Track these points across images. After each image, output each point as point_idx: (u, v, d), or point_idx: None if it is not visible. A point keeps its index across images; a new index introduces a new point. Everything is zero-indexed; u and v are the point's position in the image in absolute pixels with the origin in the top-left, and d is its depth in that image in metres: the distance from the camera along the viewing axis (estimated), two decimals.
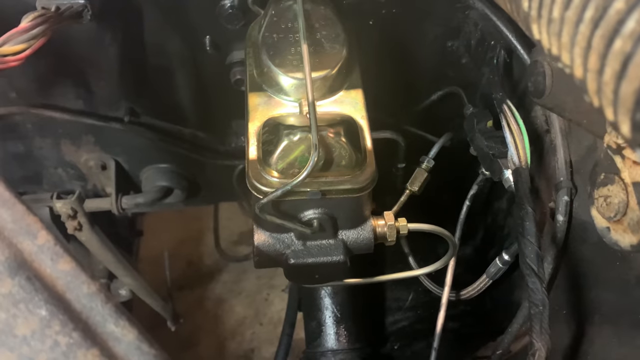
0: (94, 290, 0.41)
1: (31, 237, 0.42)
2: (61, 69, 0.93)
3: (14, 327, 0.37)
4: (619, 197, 0.54)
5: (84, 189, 1.18)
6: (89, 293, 0.41)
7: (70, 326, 0.38)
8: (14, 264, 0.40)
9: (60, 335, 0.38)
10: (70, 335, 0.38)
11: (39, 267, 0.41)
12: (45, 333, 0.38)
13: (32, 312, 0.38)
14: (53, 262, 0.42)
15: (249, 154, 0.69)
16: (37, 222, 0.44)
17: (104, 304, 0.41)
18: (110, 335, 0.40)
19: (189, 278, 2.11)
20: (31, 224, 0.43)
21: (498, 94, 0.82)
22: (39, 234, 0.43)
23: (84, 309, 0.40)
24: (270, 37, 0.76)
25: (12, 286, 0.39)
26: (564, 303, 0.82)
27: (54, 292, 0.40)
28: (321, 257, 0.73)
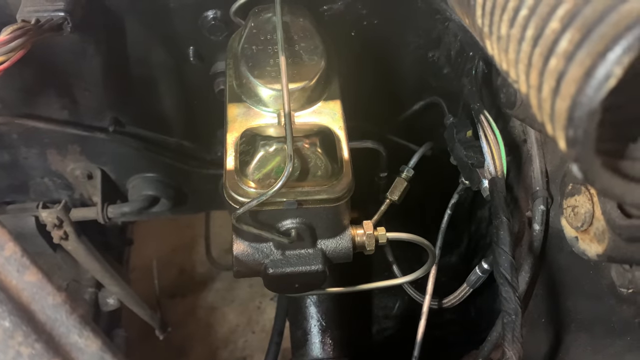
0: (59, 301, 0.42)
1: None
2: (45, 80, 0.93)
3: None
4: (585, 207, 0.55)
5: (71, 198, 1.18)
6: (54, 304, 0.41)
7: (34, 337, 0.39)
8: None
9: (22, 346, 0.38)
10: (33, 346, 0.39)
11: (4, 279, 0.42)
12: (8, 344, 0.38)
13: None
14: (19, 273, 0.42)
15: (227, 164, 0.70)
16: (4, 233, 0.44)
17: (69, 315, 0.41)
18: (73, 346, 0.40)
19: (180, 286, 2.11)
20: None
21: (476, 104, 0.83)
22: (6, 246, 0.43)
23: (48, 320, 0.41)
24: (250, 48, 0.77)
25: None
26: (542, 311, 0.82)
27: (19, 304, 0.41)
28: (300, 266, 0.74)
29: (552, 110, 0.29)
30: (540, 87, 0.30)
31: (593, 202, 0.54)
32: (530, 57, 0.31)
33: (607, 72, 0.25)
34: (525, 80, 0.32)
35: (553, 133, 0.30)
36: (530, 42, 0.31)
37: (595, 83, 0.26)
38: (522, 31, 0.32)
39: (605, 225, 0.52)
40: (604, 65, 0.25)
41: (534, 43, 0.31)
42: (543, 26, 0.30)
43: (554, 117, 0.29)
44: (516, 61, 0.33)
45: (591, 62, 0.26)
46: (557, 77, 0.28)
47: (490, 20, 0.36)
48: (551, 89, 0.29)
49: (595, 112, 0.26)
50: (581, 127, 0.27)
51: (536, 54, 0.30)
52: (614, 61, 0.25)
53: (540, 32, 0.30)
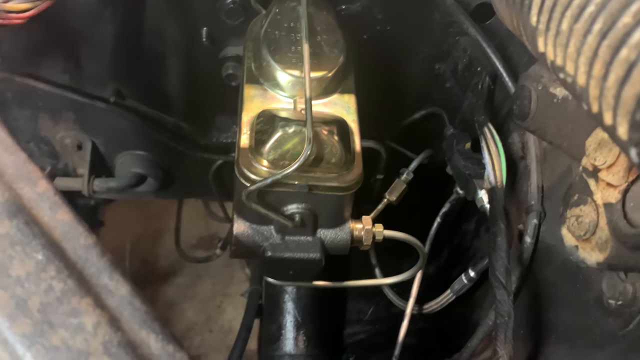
0: (91, 242, 0.41)
1: (31, 184, 0.42)
2: (53, 40, 0.91)
3: (9, 267, 0.37)
4: (590, 217, 0.58)
5: (54, 167, 1.15)
6: (85, 245, 0.41)
7: (66, 273, 0.38)
8: (12, 207, 0.40)
9: (55, 281, 0.38)
10: (65, 282, 0.38)
11: (37, 214, 0.41)
12: (40, 277, 0.37)
13: (29, 255, 0.38)
14: (52, 211, 0.42)
15: (241, 142, 0.70)
16: (37, 170, 0.43)
17: (100, 257, 0.41)
18: (103, 288, 0.40)
19: (142, 277, 2.06)
20: (32, 172, 0.43)
21: (480, 117, 0.86)
22: (39, 182, 0.43)
23: (79, 259, 0.40)
24: (272, 33, 0.78)
25: (9, 228, 0.39)
26: (523, 322, 0.85)
27: (51, 239, 0.40)
28: (298, 252, 0.75)
29: (617, 98, 0.32)
30: (605, 76, 0.33)
31: (598, 213, 0.57)
32: (596, 49, 0.34)
33: None
34: (586, 72, 0.35)
35: (613, 121, 0.33)
36: (597, 36, 0.33)
37: None
38: (589, 25, 0.34)
39: (608, 234, 0.55)
40: None
41: (601, 36, 0.33)
42: (613, 21, 0.32)
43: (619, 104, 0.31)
44: (577, 54, 0.36)
45: None
46: (627, 66, 0.31)
47: (549, 17, 0.39)
48: (618, 78, 0.31)
49: None
50: None
51: (604, 46, 0.33)
52: None
53: (610, 26, 0.32)
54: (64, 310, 0.37)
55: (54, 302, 0.37)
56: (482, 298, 1.03)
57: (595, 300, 0.67)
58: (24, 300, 0.36)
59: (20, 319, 0.36)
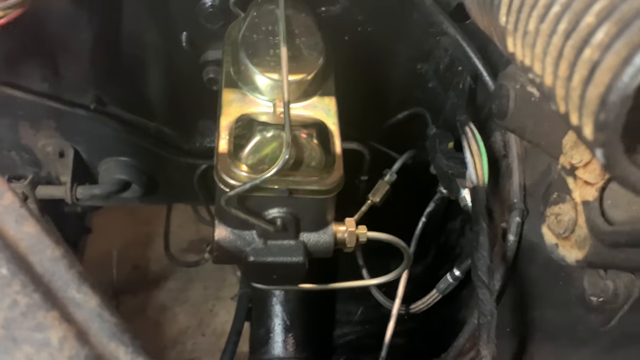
0: (58, 254, 0.40)
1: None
2: (31, 48, 0.90)
3: None
4: (569, 215, 0.58)
5: (37, 176, 1.14)
6: (52, 257, 0.40)
7: (31, 287, 0.38)
8: None
9: (20, 295, 0.37)
10: (31, 296, 0.37)
11: (2, 227, 0.40)
12: (5, 292, 0.37)
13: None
14: (17, 223, 0.41)
15: (219, 147, 0.70)
16: (3, 183, 0.43)
17: (68, 270, 0.40)
18: (71, 301, 0.39)
19: (133, 282, 2.05)
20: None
21: (462, 116, 0.86)
22: (5, 195, 0.42)
23: (46, 272, 0.39)
24: (250, 37, 0.77)
25: None
26: (508, 321, 0.85)
27: (17, 253, 0.39)
28: (281, 257, 0.74)
29: (582, 99, 0.31)
30: (570, 77, 0.32)
31: (577, 211, 0.57)
32: (561, 49, 0.33)
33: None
34: (553, 72, 0.34)
35: (579, 121, 0.32)
36: (562, 36, 0.33)
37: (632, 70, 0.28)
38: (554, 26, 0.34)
39: (587, 232, 0.55)
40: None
41: (566, 36, 0.33)
42: (577, 20, 0.32)
43: (584, 104, 0.31)
44: (544, 54, 0.35)
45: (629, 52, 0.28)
46: (590, 66, 0.31)
47: (517, 17, 0.38)
48: (583, 78, 0.31)
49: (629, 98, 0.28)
50: (614, 111, 0.29)
51: (568, 46, 0.33)
52: None
53: (574, 26, 0.32)
54: (29, 325, 0.36)
55: (18, 318, 0.36)
56: (469, 297, 1.03)
57: (578, 297, 0.67)
58: None
59: None
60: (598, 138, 0.30)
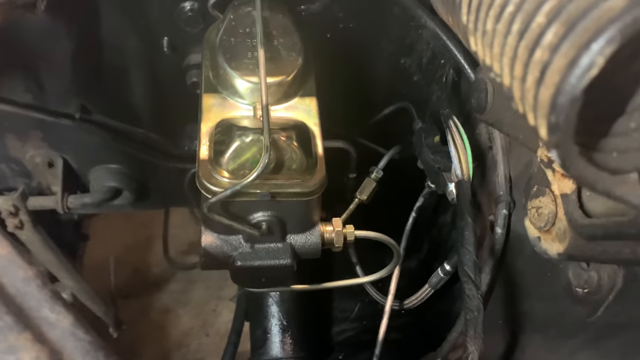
0: (30, 275, 0.41)
1: None
2: (11, 60, 0.90)
3: None
4: (549, 208, 0.58)
5: (28, 187, 1.14)
6: (24, 278, 0.40)
7: (3, 310, 0.38)
8: None
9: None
10: (2, 319, 0.37)
11: None
12: None
13: None
14: None
15: (200, 153, 0.70)
16: None
17: (40, 290, 0.40)
18: (44, 320, 0.39)
19: (134, 286, 2.06)
20: None
21: (445, 110, 0.85)
22: None
23: (18, 293, 0.40)
24: (228, 40, 0.77)
25: None
26: (500, 313, 0.85)
27: None
28: (268, 260, 0.74)
29: (536, 100, 0.31)
30: (524, 77, 0.32)
31: (556, 204, 0.56)
32: (516, 49, 0.33)
33: (591, 61, 0.27)
34: (509, 73, 0.34)
35: (535, 122, 0.32)
36: (516, 36, 0.33)
37: (578, 72, 0.28)
38: (508, 26, 0.34)
39: (566, 225, 0.55)
40: (588, 55, 0.27)
41: (519, 37, 0.33)
42: (529, 21, 0.32)
43: (537, 105, 0.31)
44: (501, 54, 0.35)
45: (575, 53, 0.28)
46: (541, 67, 0.30)
47: (476, 17, 0.38)
48: (535, 79, 0.31)
49: (577, 100, 0.28)
50: (563, 114, 0.29)
51: (521, 47, 0.32)
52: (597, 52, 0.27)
53: (526, 26, 0.32)
54: (1, 347, 0.36)
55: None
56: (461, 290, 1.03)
57: (564, 289, 0.67)
58: None
59: None
60: (551, 139, 0.30)
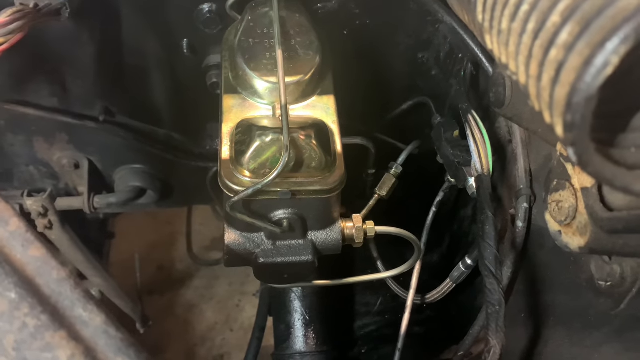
0: (64, 276, 0.42)
1: (3, 223, 0.44)
2: (37, 66, 0.93)
3: None
4: (569, 202, 0.58)
5: (56, 188, 1.17)
6: (58, 278, 0.42)
7: (39, 309, 0.40)
8: None
9: (28, 317, 0.39)
10: (39, 318, 0.39)
11: (9, 253, 0.42)
12: (14, 315, 0.39)
13: (2, 295, 0.39)
14: (24, 248, 0.43)
15: (222, 153, 0.71)
16: (9, 209, 0.45)
17: (73, 289, 0.42)
18: (78, 319, 0.41)
19: (159, 283, 2.10)
20: (3, 211, 0.44)
21: (464, 104, 0.85)
22: (11, 221, 0.44)
23: (53, 293, 0.41)
24: (247, 41, 0.78)
25: None
26: (522, 307, 0.85)
27: (24, 277, 0.41)
28: (290, 256, 0.75)
29: (551, 98, 0.31)
30: (540, 76, 0.33)
31: (577, 197, 0.56)
32: (531, 48, 0.33)
33: (605, 60, 0.28)
34: (525, 71, 0.35)
35: (551, 120, 0.32)
36: (531, 35, 0.33)
37: (593, 71, 0.28)
38: (523, 25, 0.34)
39: (587, 218, 0.55)
40: (603, 54, 0.28)
41: (534, 36, 0.33)
42: (544, 20, 0.32)
43: (553, 104, 0.31)
44: (516, 53, 0.35)
45: (590, 52, 0.28)
46: (557, 66, 0.31)
47: (491, 16, 0.38)
48: (551, 78, 0.31)
49: (593, 98, 0.28)
50: (579, 112, 0.29)
51: (537, 46, 0.33)
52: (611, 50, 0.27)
53: (541, 26, 0.32)
54: (39, 345, 0.38)
55: (28, 339, 0.38)
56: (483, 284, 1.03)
57: (587, 281, 0.67)
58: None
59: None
60: (567, 137, 0.31)
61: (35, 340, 0.38)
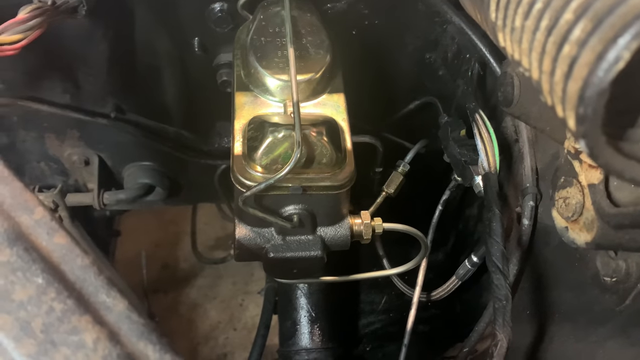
0: (88, 263, 0.44)
1: (28, 212, 0.45)
2: (50, 63, 0.94)
3: (12, 292, 0.40)
4: (576, 199, 0.59)
5: (65, 184, 1.19)
6: (82, 265, 0.43)
7: (65, 294, 0.41)
8: (12, 235, 0.43)
9: (55, 302, 0.40)
10: (65, 302, 0.41)
11: (35, 240, 0.44)
12: (42, 299, 0.40)
13: (29, 280, 0.41)
14: (49, 235, 0.44)
15: (234, 149, 0.72)
16: (34, 198, 0.46)
17: (97, 276, 0.43)
18: (102, 305, 0.42)
19: (163, 281, 2.11)
20: (28, 200, 0.46)
21: (471, 104, 0.87)
22: (36, 210, 0.45)
23: (77, 279, 0.43)
24: (259, 40, 0.79)
25: (10, 255, 0.41)
26: (527, 304, 0.86)
27: (50, 263, 0.43)
28: (300, 251, 0.77)
29: (564, 93, 0.33)
30: (553, 72, 0.34)
31: (584, 194, 0.58)
32: (544, 45, 0.35)
33: (617, 55, 0.29)
34: (538, 67, 0.36)
35: (563, 114, 0.34)
36: (544, 32, 0.35)
37: (606, 65, 0.29)
38: (537, 22, 0.35)
39: (594, 214, 0.56)
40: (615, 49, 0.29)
41: (548, 33, 0.34)
42: (557, 17, 0.33)
43: (566, 98, 0.33)
44: (529, 50, 0.37)
45: (602, 47, 0.29)
46: (570, 62, 0.32)
47: (505, 14, 0.40)
48: (563, 73, 0.33)
49: (605, 92, 0.30)
50: (591, 105, 0.30)
51: (550, 43, 0.34)
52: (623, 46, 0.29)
53: (554, 23, 0.33)
54: (65, 329, 0.39)
55: (55, 322, 0.39)
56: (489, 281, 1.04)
57: (592, 278, 0.68)
58: (27, 322, 0.39)
59: (25, 340, 0.38)
60: (579, 130, 0.32)
61: (62, 323, 0.39)
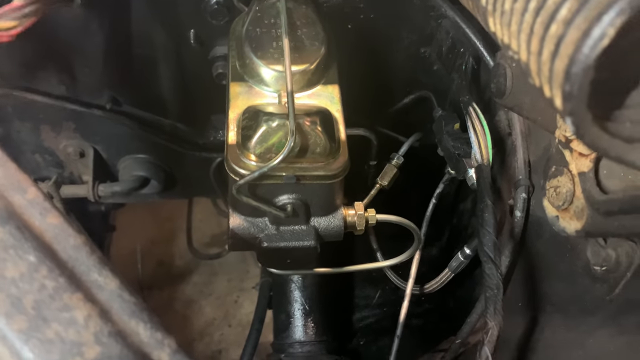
0: (80, 242, 0.44)
1: (21, 192, 0.45)
2: (46, 54, 0.95)
3: (4, 269, 0.40)
4: (566, 187, 0.59)
5: (60, 176, 1.19)
6: (75, 245, 0.44)
7: (57, 272, 0.41)
8: (4, 214, 0.43)
9: (47, 280, 0.41)
10: (57, 280, 0.41)
11: (28, 219, 0.44)
12: (33, 276, 0.40)
13: (21, 257, 0.41)
14: (42, 215, 0.44)
15: (229, 138, 0.73)
16: (27, 179, 0.46)
17: (89, 255, 0.44)
18: (93, 284, 0.42)
19: (158, 278, 2.11)
20: (21, 180, 0.46)
21: (465, 97, 0.87)
22: (29, 190, 0.46)
23: (69, 259, 0.43)
24: (254, 31, 0.80)
25: (2, 233, 0.42)
26: (520, 295, 0.87)
27: (42, 242, 0.43)
28: (293, 241, 0.77)
29: (551, 72, 0.33)
30: (540, 52, 0.34)
31: (574, 182, 0.58)
32: (532, 26, 0.35)
33: (602, 32, 0.29)
34: (526, 48, 0.36)
35: (550, 93, 0.34)
36: (532, 13, 0.35)
37: (591, 42, 0.30)
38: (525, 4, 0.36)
39: (584, 202, 0.57)
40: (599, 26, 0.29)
41: (535, 14, 0.35)
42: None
43: (552, 77, 0.33)
44: (518, 32, 0.37)
45: (588, 25, 0.30)
46: (556, 41, 0.32)
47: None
48: (550, 52, 0.33)
49: (590, 68, 0.30)
50: (577, 82, 0.31)
51: (538, 23, 0.35)
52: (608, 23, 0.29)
53: (542, 4, 0.34)
54: (57, 306, 0.40)
55: (46, 299, 0.40)
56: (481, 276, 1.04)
57: (583, 268, 0.69)
58: (19, 299, 0.39)
59: (17, 316, 0.39)
60: (566, 107, 0.32)
61: (53, 300, 0.40)
